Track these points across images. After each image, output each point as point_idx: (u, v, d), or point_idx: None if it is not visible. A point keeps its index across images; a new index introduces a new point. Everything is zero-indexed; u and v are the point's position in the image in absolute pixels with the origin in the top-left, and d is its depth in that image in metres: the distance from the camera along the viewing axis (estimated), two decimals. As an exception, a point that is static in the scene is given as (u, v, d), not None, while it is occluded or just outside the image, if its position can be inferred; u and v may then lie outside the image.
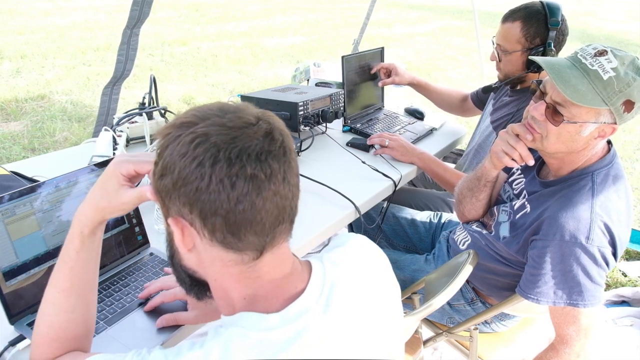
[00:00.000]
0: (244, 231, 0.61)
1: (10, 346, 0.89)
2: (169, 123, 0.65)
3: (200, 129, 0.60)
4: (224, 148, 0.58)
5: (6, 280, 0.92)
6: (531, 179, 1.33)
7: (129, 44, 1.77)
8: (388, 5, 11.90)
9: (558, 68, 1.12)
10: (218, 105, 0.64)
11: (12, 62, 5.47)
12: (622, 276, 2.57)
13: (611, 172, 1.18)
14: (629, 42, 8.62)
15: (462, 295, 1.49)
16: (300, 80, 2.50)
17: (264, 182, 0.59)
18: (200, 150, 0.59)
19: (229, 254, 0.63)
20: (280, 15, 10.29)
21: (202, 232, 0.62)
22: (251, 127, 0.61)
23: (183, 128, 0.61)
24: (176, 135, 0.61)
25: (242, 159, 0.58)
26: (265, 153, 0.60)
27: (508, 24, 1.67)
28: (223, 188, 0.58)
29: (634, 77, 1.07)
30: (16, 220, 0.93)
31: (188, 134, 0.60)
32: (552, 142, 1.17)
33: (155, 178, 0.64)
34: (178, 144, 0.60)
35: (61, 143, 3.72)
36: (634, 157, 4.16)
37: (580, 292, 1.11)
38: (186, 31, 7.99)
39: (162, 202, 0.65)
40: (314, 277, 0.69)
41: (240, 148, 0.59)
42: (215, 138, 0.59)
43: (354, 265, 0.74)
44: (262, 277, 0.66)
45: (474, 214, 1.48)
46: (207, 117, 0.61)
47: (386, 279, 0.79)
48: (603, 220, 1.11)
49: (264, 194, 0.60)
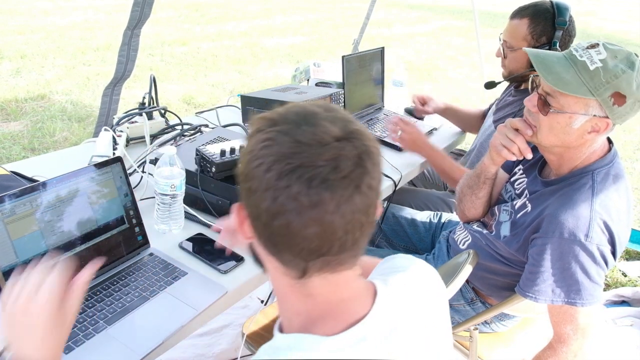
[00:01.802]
0: (281, 247, 0.60)
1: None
2: (271, 112, 0.64)
3: (274, 131, 0.59)
4: (280, 160, 0.57)
5: (6, 280, 0.92)
6: (533, 179, 1.33)
7: (130, 44, 1.77)
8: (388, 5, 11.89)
9: (544, 57, 1.15)
10: (307, 111, 0.61)
11: (12, 62, 5.47)
12: (622, 276, 2.57)
13: (612, 171, 1.18)
14: (629, 42, 8.61)
15: (462, 295, 1.49)
16: (300, 80, 2.50)
17: (306, 208, 0.56)
18: (263, 153, 0.58)
19: (274, 260, 0.63)
20: (280, 15, 10.29)
21: (252, 229, 0.63)
22: (320, 148, 0.57)
23: (266, 124, 0.61)
24: (260, 128, 0.61)
25: (291, 177, 0.56)
26: (320, 180, 0.55)
27: (516, 21, 1.68)
28: (266, 198, 0.57)
29: (624, 70, 1.07)
30: (16, 219, 0.93)
31: (266, 132, 0.60)
32: (545, 134, 1.18)
33: (238, 170, 0.64)
34: (254, 139, 0.61)
35: (61, 143, 3.72)
36: (634, 157, 4.16)
37: (578, 290, 1.12)
38: (186, 31, 7.98)
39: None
40: (378, 303, 0.65)
41: (295, 166, 0.56)
42: (278, 147, 0.58)
43: (416, 294, 0.72)
44: (314, 296, 0.63)
45: (474, 212, 1.48)
46: (285, 122, 0.60)
47: (442, 308, 0.77)
48: (602, 218, 1.11)
49: (304, 220, 0.56)
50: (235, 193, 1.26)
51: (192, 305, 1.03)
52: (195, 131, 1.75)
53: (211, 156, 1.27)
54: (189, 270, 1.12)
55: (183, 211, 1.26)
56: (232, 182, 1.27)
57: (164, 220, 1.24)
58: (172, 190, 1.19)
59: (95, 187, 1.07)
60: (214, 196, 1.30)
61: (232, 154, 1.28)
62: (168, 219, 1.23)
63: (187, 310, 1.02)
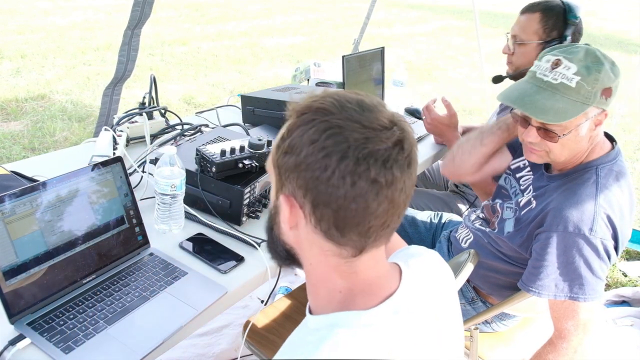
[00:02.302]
0: (349, 229, 0.62)
1: (10, 345, 0.89)
2: (305, 103, 0.65)
3: (335, 119, 0.61)
4: (354, 146, 0.59)
5: (6, 280, 0.92)
6: (539, 176, 1.34)
7: (130, 44, 1.77)
8: (388, 5, 11.89)
9: (528, 100, 1.14)
10: (357, 98, 0.64)
11: (12, 62, 5.47)
12: (622, 276, 2.57)
13: (615, 168, 1.20)
14: (629, 42, 8.61)
15: (463, 294, 1.49)
16: (301, 80, 2.50)
17: (383, 188, 0.61)
18: (331, 142, 0.60)
19: (328, 243, 0.65)
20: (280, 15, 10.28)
21: (309, 217, 0.64)
22: (385, 132, 0.61)
23: (319, 114, 0.62)
24: (311, 118, 0.62)
25: (369, 161, 0.59)
26: (392, 161, 0.61)
27: (527, 15, 1.67)
28: (343, 184, 0.60)
29: (598, 68, 1.09)
30: (16, 219, 0.93)
31: (323, 121, 0.61)
32: (558, 154, 1.20)
33: (279, 152, 0.65)
34: (311, 129, 0.61)
35: (61, 143, 3.71)
36: (634, 157, 4.16)
37: (581, 284, 1.12)
38: (186, 31, 7.98)
39: (278, 176, 0.66)
40: (405, 280, 0.71)
41: (370, 150, 0.60)
42: (349, 134, 0.60)
43: (432, 278, 0.77)
44: (358, 273, 0.67)
45: (466, 164, 1.51)
46: (345, 109, 0.62)
47: (452, 296, 0.82)
48: (606, 212, 1.12)
49: (379, 199, 0.61)
50: (235, 193, 1.26)
51: (192, 305, 1.03)
52: (195, 131, 1.75)
53: (211, 156, 1.27)
54: (189, 270, 1.12)
55: (183, 211, 1.26)
56: (232, 182, 1.27)
57: (164, 220, 1.23)
58: (172, 190, 1.19)
59: (95, 187, 1.07)
60: (214, 196, 1.30)
61: (232, 154, 1.28)
62: (168, 219, 1.23)
63: (187, 310, 1.02)
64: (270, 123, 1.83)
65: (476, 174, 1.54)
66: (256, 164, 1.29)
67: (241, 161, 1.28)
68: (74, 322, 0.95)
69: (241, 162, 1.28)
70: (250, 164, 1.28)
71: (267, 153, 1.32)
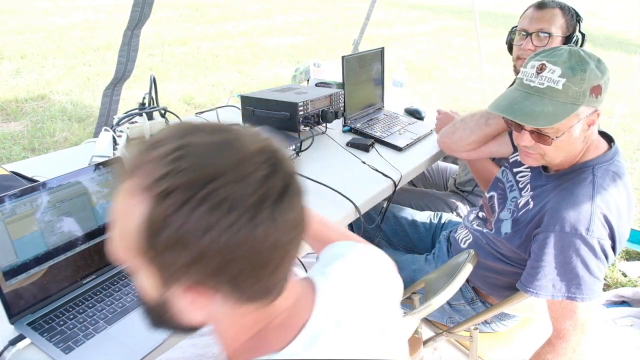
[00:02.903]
0: (247, 281, 0.55)
1: (10, 345, 0.89)
2: (158, 178, 0.51)
3: (219, 189, 0.50)
4: (248, 207, 0.51)
5: (6, 280, 0.92)
6: (537, 174, 1.34)
7: (130, 45, 1.77)
8: (388, 5, 11.89)
9: (517, 107, 1.15)
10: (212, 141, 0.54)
11: (12, 62, 5.47)
12: (622, 276, 2.57)
13: (612, 168, 1.20)
14: (629, 42, 8.62)
15: (462, 295, 1.49)
16: (300, 80, 2.51)
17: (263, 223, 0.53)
18: (234, 216, 0.50)
19: (246, 306, 0.58)
20: (280, 15, 10.29)
21: (227, 297, 0.55)
22: (247, 178, 0.53)
23: (193, 188, 0.50)
24: (184, 199, 0.50)
25: (261, 218, 0.52)
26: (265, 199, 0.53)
27: (548, 10, 1.61)
28: (228, 237, 0.51)
29: (583, 67, 1.10)
30: (16, 220, 0.93)
31: (205, 198, 0.50)
32: (553, 156, 1.20)
33: (155, 249, 0.52)
34: (194, 212, 0.50)
35: (61, 143, 3.72)
36: (634, 157, 4.16)
37: (578, 284, 1.12)
38: (186, 31, 7.98)
39: (160, 274, 0.54)
40: (319, 298, 0.65)
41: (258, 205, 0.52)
42: (238, 196, 0.51)
43: (356, 280, 0.72)
44: (272, 312, 0.62)
45: (465, 140, 1.55)
46: (220, 173, 0.51)
47: (388, 284, 0.78)
48: (603, 212, 1.12)
49: (262, 234, 0.53)
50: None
51: (192, 305, 1.03)
52: (195, 131, 1.74)
53: (211, 156, 1.27)
54: (189, 270, 1.12)
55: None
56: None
57: (164, 220, 1.23)
58: (172, 190, 1.19)
59: (95, 187, 1.07)
60: (214, 196, 1.30)
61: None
62: (168, 219, 1.23)
63: (187, 310, 1.02)
64: (270, 123, 1.83)
65: (472, 152, 1.55)
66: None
67: (241, 161, 1.28)
68: (74, 322, 0.95)
69: (241, 163, 1.28)
70: (250, 164, 1.28)
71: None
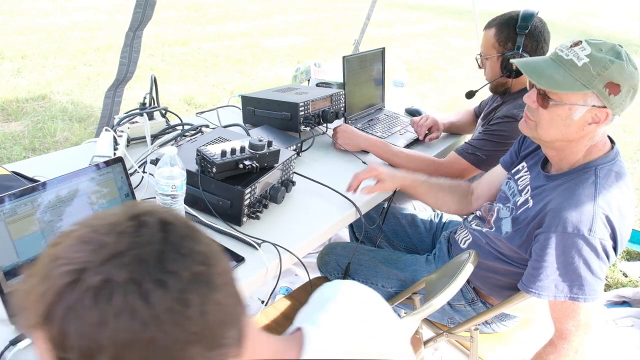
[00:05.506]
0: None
1: (11, 345, 0.89)
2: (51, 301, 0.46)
3: (120, 287, 0.45)
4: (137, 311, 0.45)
5: (7, 280, 0.92)
6: (536, 175, 1.34)
7: (132, 46, 1.78)
8: (388, 5, 11.89)
9: (533, 64, 1.20)
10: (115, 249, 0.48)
11: (13, 62, 5.47)
12: (623, 276, 2.57)
13: (614, 169, 1.20)
14: (629, 42, 8.60)
15: (463, 295, 1.49)
16: (301, 80, 2.51)
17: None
18: (148, 312, 0.46)
19: None
20: (281, 15, 10.29)
21: None
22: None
23: (98, 295, 0.45)
24: (88, 305, 0.45)
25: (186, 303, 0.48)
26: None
27: (485, 31, 1.75)
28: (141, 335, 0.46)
29: (612, 60, 1.10)
30: (17, 219, 0.93)
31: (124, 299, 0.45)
32: (545, 128, 1.20)
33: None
34: (121, 317, 0.45)
35: (62, 143, 3.72)
36: (635, 158, 4.16)
37: (581, 285, 1.12)
38: (187, 31, 7.98)
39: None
40: (307, 351, 0.60)
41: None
42: (153, 296, 0.46)
43: (352, 320, 0.70)
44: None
45: (455, 205, 1.61)
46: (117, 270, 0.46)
47: (382, 320, 0.75)
48: (605, 213, 1.12)
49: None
50: (236, 194, 1.26)
51: (192, 305, 1.03)
52: (195, 131, 1.75)
53: (212, 156, 1.27)
54: (189, 271, 1.12)
55: (184, 211, 1.26)
56: (232, 183, 1.27)
57: (164, 221, 1.23)
58: (172, 190, 1.19)
59: (96, 187, 1.07)
60: (215, 196, 1.30)
61: (233, 155, 1.28)
62: (169, 219, 1.23)
63: (187, 311, 1.02)
64: (270, 123, 1.83)
65: (475, 203, 1.59)
66: (257, 165, 1.29)
67: (242, 162, 1.28)
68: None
69: (242, 163, 1.28)
70: (251, 164, 1.28)
71: (268, 154, 1.33)
